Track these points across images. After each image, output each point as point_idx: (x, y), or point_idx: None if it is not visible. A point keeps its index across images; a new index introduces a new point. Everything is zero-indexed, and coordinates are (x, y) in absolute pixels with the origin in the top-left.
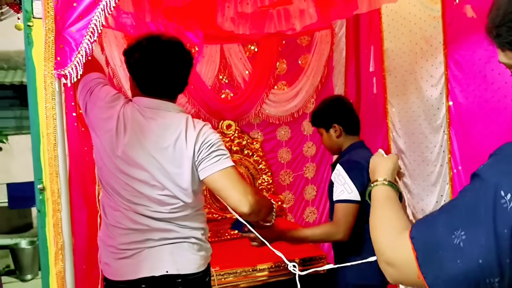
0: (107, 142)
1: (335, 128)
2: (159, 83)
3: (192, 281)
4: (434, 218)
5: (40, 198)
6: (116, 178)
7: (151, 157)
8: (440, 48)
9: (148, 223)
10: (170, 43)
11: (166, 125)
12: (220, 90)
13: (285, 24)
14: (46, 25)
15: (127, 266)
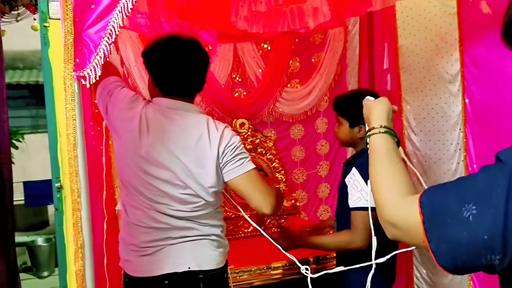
0: (130, 142)
1: (360, 128)
2: (179, 83)
3: (213, 277)
4: (447, 188)
5: (58, 197)
6: (138, 178)
7: (174, 157)
8: (456, 45)
9: (170, 222)
10: (188, 43)
11: (187, 126)
12: (234, 89)
13: (299, 22)
14: (65, 27)
15: (150, 263)
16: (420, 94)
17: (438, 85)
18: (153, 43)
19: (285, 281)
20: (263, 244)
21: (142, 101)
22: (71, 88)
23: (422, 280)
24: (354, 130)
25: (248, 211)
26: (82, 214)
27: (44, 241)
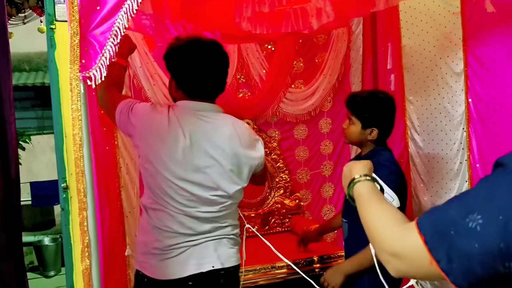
0: (162, 148)
1: (372, 131)
2: (205, 86)
3: (232, 273)
4: (444, 205)
5: (64, 197)
6: (169, 183)
7: (210, 158)
8: (460, 44)
9: (196, 225)
10: (211, 45)
11: (219, 126)
12: (238, 90)
13: (302, 23)
14: (71, 29)
15: (174, 265)
16: (423, 93)
17: (442, 84)
18: (175, 46)
19: (290, 280)
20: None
21: (164, 107)
22: (77, 88)
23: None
24: (366, 131)
25: (253, 210)
26: (88, 214)
27: (51, 241)
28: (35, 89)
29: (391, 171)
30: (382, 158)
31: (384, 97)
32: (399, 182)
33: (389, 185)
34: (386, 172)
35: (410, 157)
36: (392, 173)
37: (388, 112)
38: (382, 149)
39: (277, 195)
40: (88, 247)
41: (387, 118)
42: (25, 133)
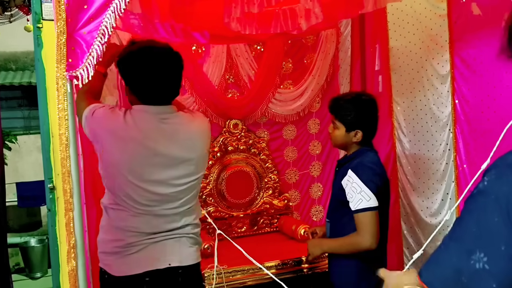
0: (119, 151)
1: (357, 133)
2: (157, 94)
3: (190, 272)
4: (441, 252)
5: (51, 197)
6: (130, 184)
7: (169, 157)
8: (446, 46)
9: (156, 224)
10: (163, 52)
11: (177, 124)
12: (227, 90)
13: (291, 24)
14: (57, 28)
15: (131, 262)
16: (409, 95)
17: (427, 86)
18: (127, 52)
19: None
20: (256, 244)
21: (121, 110)
22: (63, 88)
23: None
24: (350, 134)
25: (242, 210)
26: (75, 214)
27: (37, 242)
28: (21, 88)
29: (374, 173)
30: (367, 159)
31: (366, 99)
32: (380, 184)
33: (369, 186)
34: (369, 173)
35: (397, 158)
36: (375, 175)
37: (371, 114)
38: (367, 149)
39: (265, 195)
40: (74, 248)
41: (370, 120)
42: (11, 133)
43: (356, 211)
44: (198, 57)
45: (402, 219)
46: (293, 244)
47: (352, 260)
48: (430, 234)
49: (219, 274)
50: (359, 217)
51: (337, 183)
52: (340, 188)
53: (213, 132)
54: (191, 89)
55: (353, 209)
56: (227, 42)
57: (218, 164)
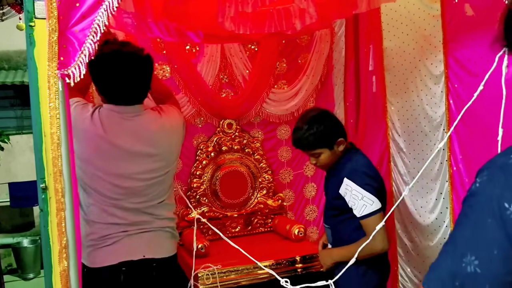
0: (86, 147)
1: (339, 142)
2: (123, 96)
3: (165, 264)
4: (439, 255)
5: (43, 197)
6: (97, 179)
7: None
8: (440, 46)
9: (127, 216)
10: (130, 56)
11: (141, 121)
12: (221, 90)
13: (285, 24)
14: (49, 25)
15: (106, 253)
16: (403, 95)
17: (421, 86)
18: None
19: (272, 281)
20: (250, 244)
21: (92, 107)
22: (55, 86)
23: (407, 279)
24: (335, 149)
25: (236, 210)
26: (67, 214)
27: (30, 243)
28: (14, 88)
29: (368, 176)
30: (358, 164)
31: (317, 113)
32: (377, 185)
33: (368, 190)
34: (364, 177)
35: (391, 158)
36: (369, 177)
37: (332, 117)
38: (353, 153)
39: (260, 195)
40: (66, 248)
41: (336, 123)
42: (3, 132)
43: (362, 217)
44: (192, 56)
45: (396, 219)
46: (287, 244)
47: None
48: (423, 233)
49: (213, 274)
50: (367, 222)
51: (331, 191)
52: (337, 197)
53: (207, 132)
54: (185, 88)
55: (359, 216)
56: (221, 42)
57: (212, 164)
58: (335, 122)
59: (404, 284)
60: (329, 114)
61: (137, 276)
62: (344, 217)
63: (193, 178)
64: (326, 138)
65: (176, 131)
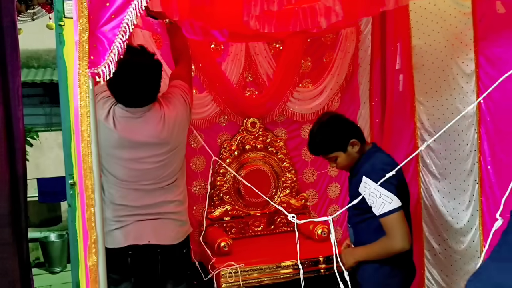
0: (108, 136)
1: (353, 143)
2: (133, 103)
3: (170, 251)
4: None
5: (71, 193)
6: (112, 163)
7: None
8: (471, 44)
9: (137, 198)
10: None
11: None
12: (245, 88)
13: (311, 22)
14: (80, 25)
15: (117, 236)
16: (434, 94)
17: (453, 85)
18: None
19: (295, 281)
20: (273, 243)
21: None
22: (85, 85)
23: (434, 282)
24: (349, 150)
25: (259, 209)
26: (96, 210)
27: (57, 237)
28: (43, 85)
29: (386, 172)
30: (377, 161)
31: (327, 117)
32: (396, 183)
33: (386, 188)
34: (381, 174)
35: (420, 158)
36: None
37: (343, 120)
38: (373, 151)
39: (283, 194)
40: (96, 244)
41: (348, 125)
42: (33, 129)
43: (381, 215)
44: (217, 55)
45: (424, 221)
46: (311, 244)
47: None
48: (454, 236)
49: (235, 273)
50: (386, 221)
51: (354, 191)
52: (357, 196)
53: (230, 131)
54: (209, 87)
55: (378, 214)
56: (246, 40)
57: (235, 163)
58: (346, 124)
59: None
60: (338, 117)
61: (143, 260)
62: (365, 217)
63: (217, 176)
64: (337, 141)
65: (178, 120)
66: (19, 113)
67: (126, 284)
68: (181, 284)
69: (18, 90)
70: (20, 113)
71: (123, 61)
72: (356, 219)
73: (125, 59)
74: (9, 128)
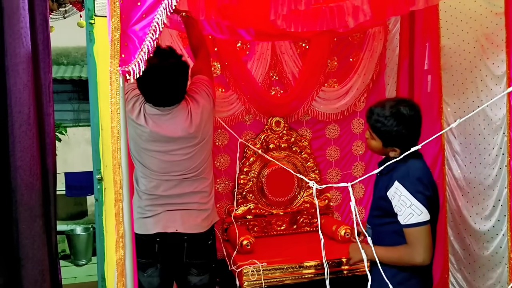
0: (137, 133)
1: (394, 150)
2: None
3: (196, 239)
4: None
5: (98, 188)
6: (144, 155)
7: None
8: (503, 45)
9: (168, 188)
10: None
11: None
12: (270, 87)
13: (338, 21)
14: (112, 24)
15: (147, 223)
16: (461, 95)
17: (481, 87)
18: None
19: (317, 281)
20: (295, 243)
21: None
22: (116, 82)
23: (458, 287)
24: (387, 149)
25: (282, 209)
26: (124, 205)
27: (83, 230)
28: (72, 82)
29: (422, 183)
30: (413, 168)
31: (408, 114)
32: (429, 194)
33: (419, 198)
34: (417, 183)
35: (445, 161)
36: (423, 185)
37: (412, 130)
38: (412, 156)
39: (306, 194)
40: (123, 238)
41: (411, 137)
42: (61, 125)
43: (407, 225)
44: (242, 54)
45: (449, 225)
46: (333, 245)
47: (394, 269)
48: (479, 240)
49: (258, 271)
50: (411, 232)
51: (379, 191)
52: (383, 197)
53: (255, 129)
54: (234, 85)
55: (403, 223)
56: (272, 39)
57: (259, 161)
58: (410, 134)
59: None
60: (412, 124)
61: (169, 247)
62: (387, 220)
63: (240, 174)
64: (387, 135)
65: (204, 115)
66: (50, 109)
67: (153, 270)
68: (205, 274)
69: (49, 86)
70: (51, 109)
71: (153, 64)
72: (376, 221)
73: (155, 63)
74: (41, 123)
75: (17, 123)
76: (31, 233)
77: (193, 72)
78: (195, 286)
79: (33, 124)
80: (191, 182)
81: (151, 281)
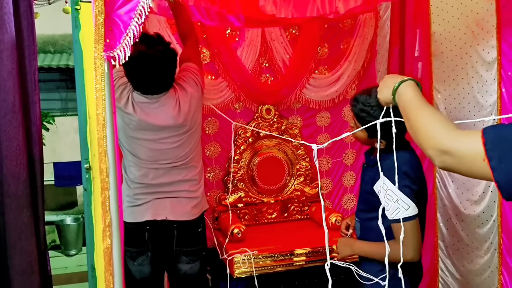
0: (126, 122)
1: (381, 142)
2: (149, 91)
3: (186, 226)
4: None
5: (87, 177)
6: (133, 144)
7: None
8: (493, 31)
9: (157, 177)
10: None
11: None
12: (260, 74)
13: (328, 7)
14: (96, 7)
15: (137, 212)
16: (452, 82)
17: (471, 73)
18: None
19: (308, 268)
20: (286, 231)
21: (129, 91)
22: (101, 68)
23: (448, 273)
24: (373, 140)
25: (273, 197)
26: (110, 193)
27: (73, 221)
28: (59, 70)
29: (409, 176)
30: (399, 161)
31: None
32: (416, 188)
33: (405, 193)
34: (404, 177)
35: None
36: (409, 179)
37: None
38: (400, 147)
39: (297, 182)
40: (110, 227)
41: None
42: (49, 114)
43: (395, 220)
44: (232, 41)
45: (438, 211)
46: (324, 232)
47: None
48: (469, 226)
49: (249, 259)
50: (398, 227)
51: (366, 184)
52: (370, 192)
53: (245, 117)
54: (224, 73)
55: (391, 218)
56: (262, 26)
57: (249, 150)
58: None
59: (444, 279)
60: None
61: (159, 235)
62: (374, 215)
63: (231, 163)
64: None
65: (192, 103)
66: (36, 97)
67: (143, 258)
68: (195, 261)
69: (34, 74)
70: (36, 97)
71: (140, 51)
72: (364, 215)
73: (142, 50)
74: (26, 112)
75: (1, 111)
76: (18, 223)
77: (182, 60)
78: (185, 274)
79: (18, 113)
80: (180, 171)
81: (142, 270)
